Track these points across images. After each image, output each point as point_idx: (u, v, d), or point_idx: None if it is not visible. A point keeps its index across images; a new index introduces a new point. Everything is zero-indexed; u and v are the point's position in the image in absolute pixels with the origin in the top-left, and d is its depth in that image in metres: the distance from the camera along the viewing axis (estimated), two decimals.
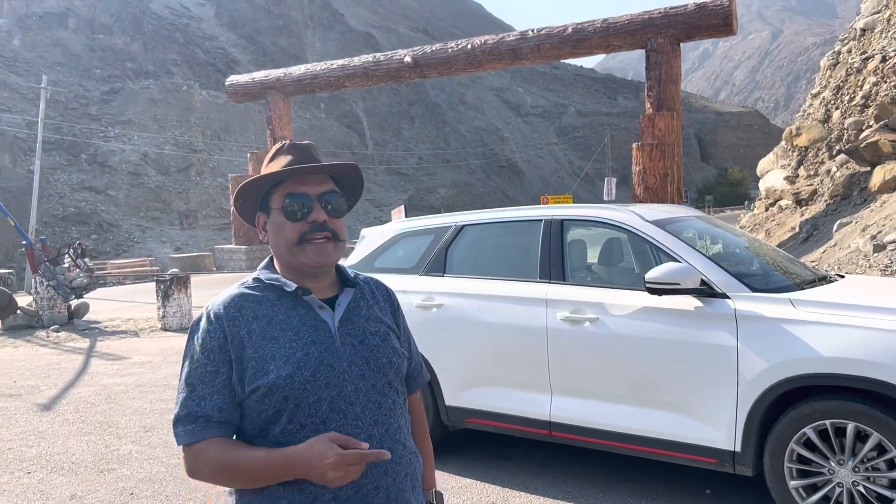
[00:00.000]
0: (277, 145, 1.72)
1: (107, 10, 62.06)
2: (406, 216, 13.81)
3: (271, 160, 1.68)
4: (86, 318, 13.57)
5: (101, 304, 16.09)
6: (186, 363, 1.61)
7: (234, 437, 1.61)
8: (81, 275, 13.70)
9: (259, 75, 27.14)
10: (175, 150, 51.61)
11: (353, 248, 6.26)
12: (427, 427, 1.91)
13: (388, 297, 1.83)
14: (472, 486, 4.54)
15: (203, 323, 1.61)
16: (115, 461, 5.39)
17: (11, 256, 39.44)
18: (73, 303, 13.55)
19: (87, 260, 14.75)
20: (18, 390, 8.10)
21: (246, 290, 1.64)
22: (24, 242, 13.84)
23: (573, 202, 26.22)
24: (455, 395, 4.88)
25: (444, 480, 4.64)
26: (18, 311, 13.15)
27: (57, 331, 12.49)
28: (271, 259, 1.73)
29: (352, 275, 1.76)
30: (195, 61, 65.60)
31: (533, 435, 4.57)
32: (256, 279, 1.67)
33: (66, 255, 14.19)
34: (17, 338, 12.19)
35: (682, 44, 19.30)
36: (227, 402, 1.56)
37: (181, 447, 1.57)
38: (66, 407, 7.20)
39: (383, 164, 73.23)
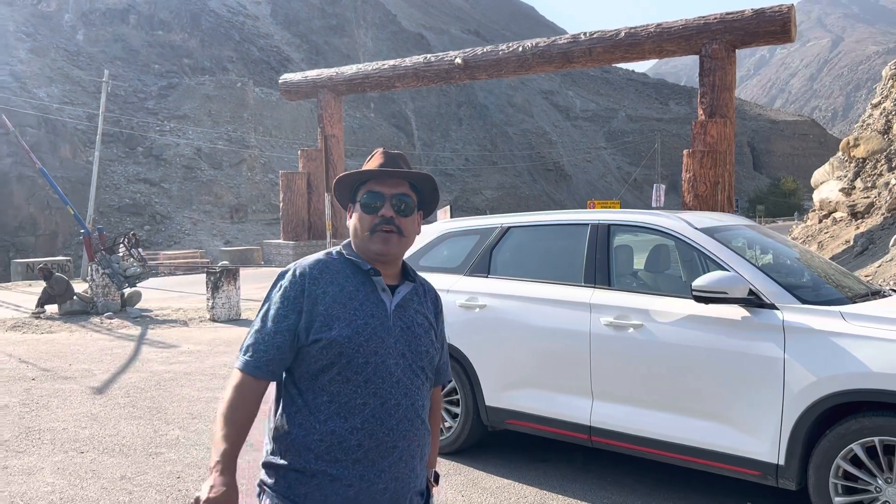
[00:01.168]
0: (379, 151, 2.02)
1: (166, 7, 63.60)
2: (451, 217, 13.87)
3: (368, 162, 2.00)
4: (138, 306, 13.96)
5: (153, 294, 16.53)
6: (266, 304, 1.91)
7: (281, 383, 1.91)
8: (135, 264, 14.10)
9: (312, 74, 27.52)
10: (228, 145, 52.66)
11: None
12: (439, 418, 2.19)
13: (435, 300, 2.10)
14: (510, 486, 4.56)
15: (288, 275, 1.91)
16: (163, 445, 5.55)
17: (68, 244, 40.75)
18: (127, 291, 13.94)
19: (140, 250, 15.17)
20: (73, 373, 8.39)
21: (329, 259, 1.94)
22: (81, 231, 14.30)
23: (620, 208, 25.94)
24: (495, 395, 4.90)
25: (482, 480, 4.67)
26: (75, 297, 13.60)
27: (110, 318, 12.88)
28: (349, 242, 2.00)
29: (414, 274, 2.05)
30: (250, 59, 66.81)
31: (572, 439, 4.57)
32: (339, 252, 1.97)
33: (121, 245, 14.62)
34: (73, 323, 12.60)
35: (737, 50, 18.96)
36: (286, 342, 1.85)
37: (236, 367, 1.88)
38: (118, 391, 7.44)
39: (430, 164, 73.49)
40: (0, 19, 51.54)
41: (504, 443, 5.42)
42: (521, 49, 21.55)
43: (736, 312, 3.93)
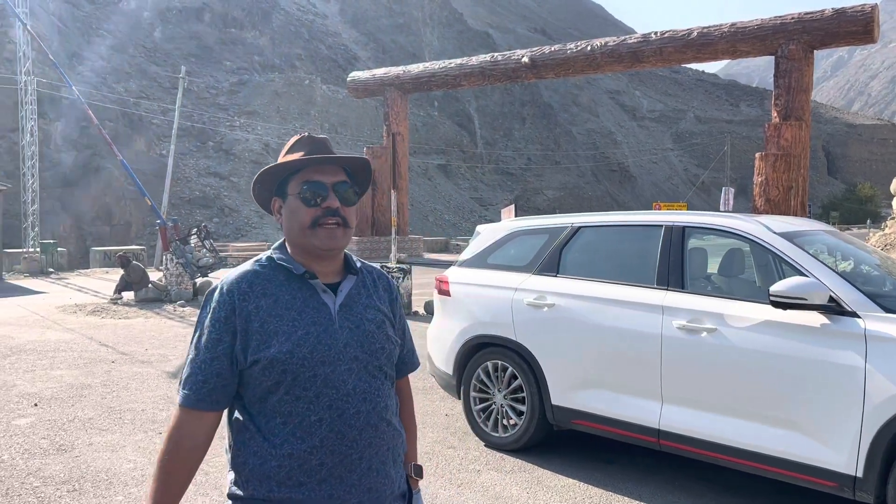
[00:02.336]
0: (297, 136, 1.86)
1: (239, 6, 65.26)
2: (516, 216, 13.85)
3: (290, 150, 1.83)
4: None
5: None
6: (197, 330, 1.76)
7: (225, 411, 1.76)
8: (208, 255, 14.57)
9: (379, 72, 27.84)
10: None
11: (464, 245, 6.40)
12: (413, 408, 2.06)
13: (388, 286, 1.95)
14: (576, 486, 4.57)
15: (216, 295, 1.75)
16: None
17: (141, 234, 42.27)
18: (198, 280, 14.42)
19: (211, 241, 15.66)
20: (150, 357, 8.74)
21: (258, 269, 1.78)
22: (157, 222, 14.84)
23: (687, 210, 25.42)
24: (562, 395, 4.91)
25: (547, 478, 4.69)
26: (150, 286, 14.13)
27: (183, 306, 13.34)
28: (283, 242, 1.85)
29: (357, 264, 1.88)
30: (318, 56, 67.98)
31: (640, 442, 4.54)
32: (269, 258, 1.80)
33: (194, 236, 15.12)
34: (148, 309, 13.10)
35: (815, 51, 18.39)
36: (225, 368, 1.70)
37: (177, 403, 1.73)
38: None
39: (491, 163, 73.43)
40: (84, 17, 53.79)
41: (568, 442, 5.42)
42: (589, 48, 21.36)
43: (815, 319, 3.85)
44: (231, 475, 1.75)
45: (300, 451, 1.67)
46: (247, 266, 1.81)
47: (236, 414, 1.76)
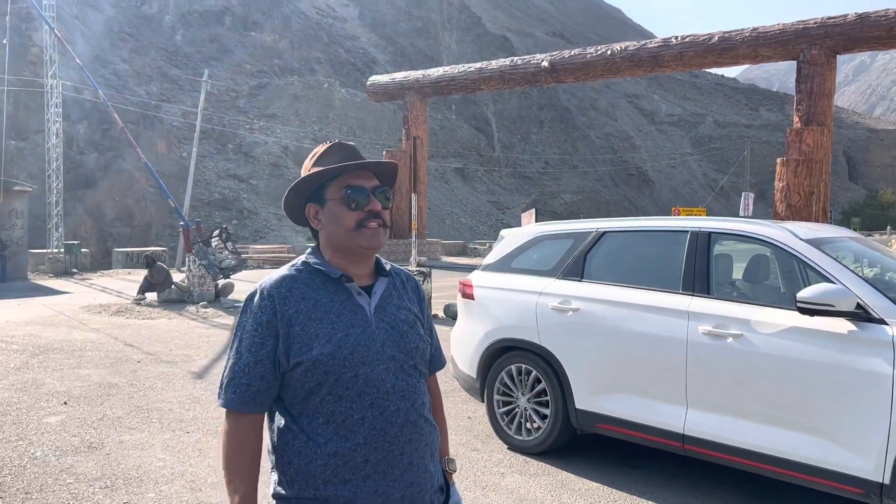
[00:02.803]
0: (326, 145, 1.93)
1: (259, 9, 65.77)
2: (536, 220, 13.88)
3: (320, 157, 1.90)
4: (230, 297, 14.55)
5: (242, 286, 17.15)
6: (238, 333, 1.81)
7: (273, 412, 1.82)
8: (230, 256, 14.71)
9: (399, 76, 27.94)
10: (313, 144, 53.96)
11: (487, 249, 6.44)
12: (442, 404, 2.11)
13: (416, 288, 2.03)
14: (600, 490, 4.59)
15: (257, 299, 1.80)
16: None
17: (160, 235, 42.67)
18: (220, 282, 14.56)
19: (232, 243, 15.81)
20: (174, 358, 8.86)
21: (295, 273, 1.84)
22: (181, 223, 15.01)
23: (706, 215, 25.32)
24: (586, 399, 4.94)
25: (571, 482, 4.72)
26: (172, 287, 14.30)
27: (205, 307, 13.48)
28: (317, 247, 1.92)
29: (387, 266, 1.96)
30: (337, 60, 68.33)
31: (664, 446, 4.56)
32: (305, 263, 1.86)
33: (216, 238, 15.27)
34: (171, 310, 13.26)
35: (837, 56, 18.27)
36: (269, 372, 1.75)
37: (221, 407, 1.79)
38: (216, 377, 7.81)
39: (509, 167, 73.39)
40: (106, 21, 54.45)
41: (592, 446, 5.45)
42: (609, 52, 21.34)
43: (842, 326, 3.86)
44: (274, 475, 1.80)
45: (345, 449, 1.72)
46: (284, 270, 1.86)
47: (277, 415, 1.81)
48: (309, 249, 1.93)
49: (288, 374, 1.76)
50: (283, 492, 1.77)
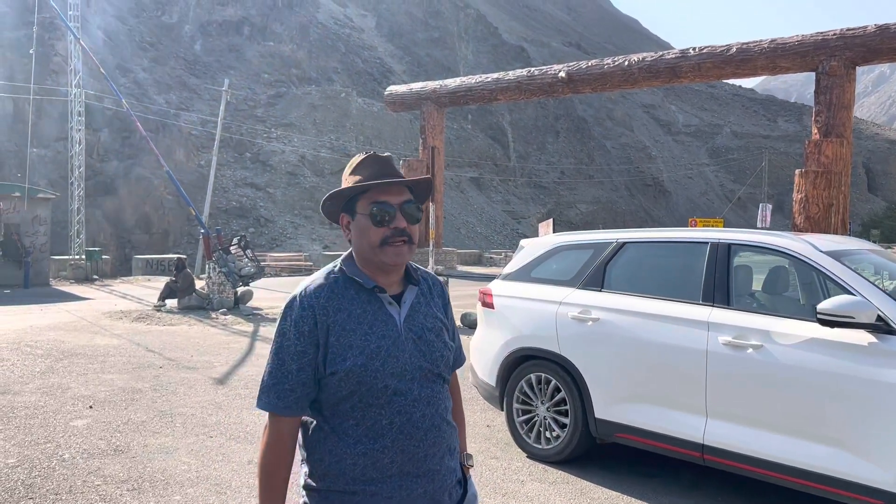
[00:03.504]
0: (362, 156, 1.97)
1: (278, 19, 66.38)
2: (554, 230, 13.93)
3: (355, 169, 1.94)
4: (249, 304, 14.69)
5: (261, 293, 17.32)
6: (279, 339, 1.88)
7: (305, 414, 1.90)
8: (249, 264, 14.86)
9: (416, 86, 28.10)
10: (330, 153, 54.37)
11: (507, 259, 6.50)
12: (461, 400, 2.20)
13: (441, 292, 2.09)
14: (619, 499, 4.63)
15: (297, 308, 1.87)
16: None
17: (178, 242, 43.05)
18: (240, 289, 14.71)
19: (252, 250, 15.97)
20: (195, 364, 8.98)
21: (332, 282, 1.90)
22: (202, 231, 15.18)
23: (723, 227, 25.24)
24: (606, 408, 4.98)
25: (590, 490, 4.76)
26: (193, 293, 14.45)
27: (224, 314, 13.62)
28: (351, 254, 1.97)
29: (416, 273, 2.01)
30: (354, 70, 68.76)
31: (684, 456, 4.59)
32: (341, 271, 1.93)
33: (235, 245, 15.43)
34: (191, 317, 13.41)
35: (857, 67, 18.21)
36: (310, 378, 1.84)
37: (266, 412, 1.87)
38: (237, 383, 7.91)
39: (524, 176, 73.39)
40: (128, 30, 55.17)
41: (611, 455, 5.48)
42: (626, 63, 21.38)
43: (862, 338, 3.88)
44: (305, 468, 1.90)
45: (373, 451, 1.82)
46: (320, 279, 1.93)
47: (310, 415, 1.90)
48: (343, 255, 2.00)
49: (324, 379, 1.85)
50: (314, 484, 1.87)
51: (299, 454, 1.93)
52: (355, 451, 1.82)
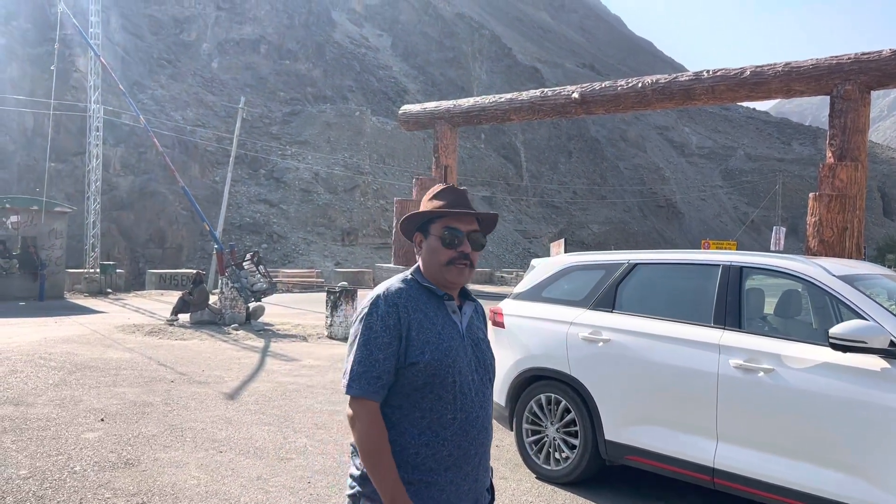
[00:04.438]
0: (442, 186, 2.25)
1: (294, 38, 67.08)
2: (565, 250, 13.94)
3: (435, 196, 2.22)
4: (260, 320, 14.74)
5: (273, 309, 17.39)
6: (367, 332, 2.07)
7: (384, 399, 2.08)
8: (262, 280, 14.93)
9: (430, 105, 28.26)
10: (343, 170, 54.68)
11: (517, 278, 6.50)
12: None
13: (484, 316, 2.37)
14: None
15: (383, 304, 2.08)
16: (292, 451, 5.91)
17: (191, 257, 43.29)
18: (252, 305, 14.77)
19: (265, 266, 16.05)
20: (206, 378, 9.01)
21: (409, 287, 2.14)
22: (216, 247, 15.27)
23: (736, 250, 25.14)
24: (616, 430, 4.96)
25: None
26: (206, 308, 14.53)
27: (236, 329, 13.67)
28: (418, 267, 2.21)
29: (472, 294, 2.30)
30: (368, 88, 69.28)
31: (694, 480, 4.56)
32: (414, 279, 2.17)
33: (248, 261, 15.52)
34: (202, 331, 13.46)
35: (872, 92, 18.17)
36: (392, 367, 2.05)
37: (349, 397, 2.05)
38: (248, 398, 7.94)
39: (536, 196, 73.44)
40: (146, 47, 55.91)
41: (620, 477, 5.45)
42: (640, 85, 21.44)
43: (875, 363, 3.86)
44: (357, 459, 2.10)
45: (435, 443, 2.04)
46: (398, 283, 2.16)
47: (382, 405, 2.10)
48: (413, 268, 2.24)
49: (402, 371, 2.06)
50: None
51: (349, 448, 2.15)
52: (419, 440, 2.03)
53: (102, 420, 6.72)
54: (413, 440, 2.03)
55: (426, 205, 2.22)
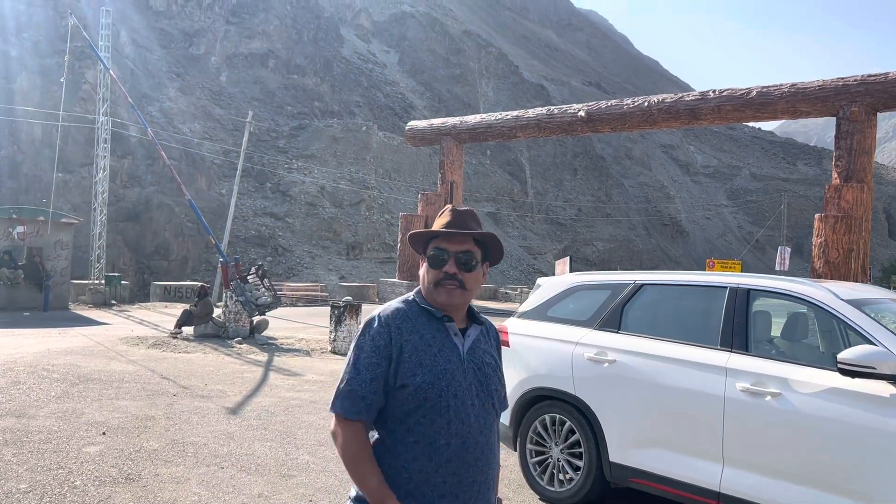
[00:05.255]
0: (448, 208, 2.20)
1: (302, 53, 67.51)
2: (571, 269, 13.92)
3: (439, 217, 2.19)
4: (264, 333, 14.72)
5: (277, 323, 17.36)
6: (357, 351, 2.07)
7: (371, 426, 2.07)
8: (266, 293, 14.92)
9: (437, 122, 28.35)
10: (349, 185, 54.81)
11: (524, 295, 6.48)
12: (498, 448, 2.29)
13: (496, 338, 2.31)
14: None
15: (376, 325, 2.07)
16: (294, 468, 5.87)
17: (196, 269, 43.35)
18: (256, 318, 14.75)
19: (269, 280, 16.04)
20: (209, 393, 8.98)
21: (407, 307, 2.11)
22: (220, 260, 15.29)
23: (741, 269, 25.07)
24: (621, 452, 4.91)
25: None
26: (210, 321, 14.52)
27: (240, 342, 13.65)
28: (420, 289, 2.18)
29: (481, 317, 2.23)
30: (375, 104, 69.61)
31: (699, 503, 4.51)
32: (414, 301, 2.14)
33: (253, 274, 15.52)
34: (206, 345, 13.44)
35: (878, 113, 18.18)
36: (380, 388, 2.02)
37: (335, 415, 2.05)
38: (250, 413, 7.90)
39: (541, 213, 73.47)
40: (156, 60, 56.31)
41: (625, 499, 5.39)
42: (646, 104, 21.48)
43: (884, 389, 3.83)
44: None
45: (428, 469, 1.98)
46: (397, 304, 2.14)
47: (374, 429, 2.09)
48: (416, 289, 2.21)
49: (392, 393, 2.03)
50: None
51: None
52: (412, 466, 1.98)
53: (104, 434, 6.70)
54: (406, 465, 1.99)
55: (435, 226, 2.20)
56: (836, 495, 3.90)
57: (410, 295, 2.18)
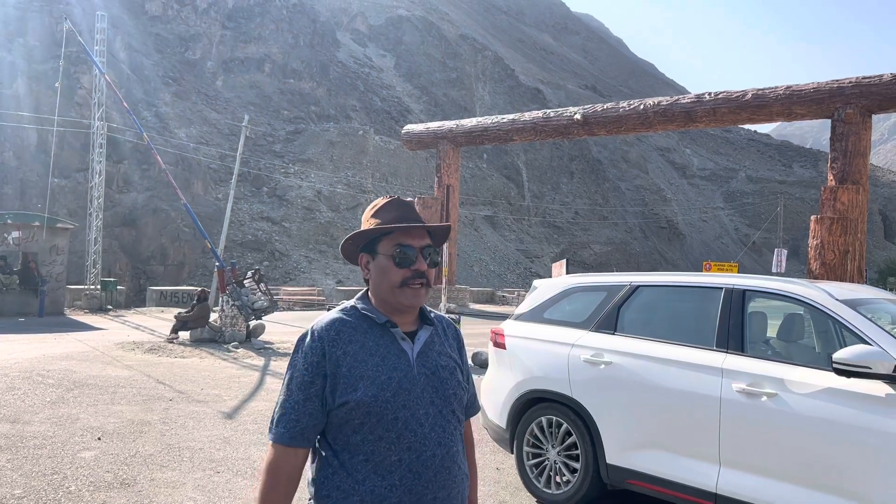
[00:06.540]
0: (386, 199, 2.02)
1: (299, 58, 67.54)
2: (567, 271, 13.92)
3: (379, 210, 1.98)
4: (261, 338, 14.69)
5: (273, 327, 17.33)
6: (290, 371, 1.90)
7: (315, 446, 1.91)
8: (262, 298, 14.90)
9: (433, 125, 28.38)
10: (346, 189, 54.81)
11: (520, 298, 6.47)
12: (474, 451, 2.18)
13: (456, 335, 2.10)
14: None
15: (308, 340, 1.89)
16: None
17: (193, 274, 43.29)
18: (252, 323, 14.72)
19: (266, 284, 16.02)
20: (205, 397, 8.95)
21: (345, 317, 1.92)
22: (217, 264, 15.26)
23: (738, 271, 25.09)
24: (617, 454, 4.90)
25: None
26: (206, 326, 14.48)
27: (236, 347, 13.62)
28: (366, 292, 2.00)
29: (431, 315, 2.04)
30: (372, 108, 69.66)
31: None
32: (354, 308, 1.95)
33: (249, 279, 15.49)
34: (202, 349, 13.41)
35: (873, 115, 18.23)
36: (317, 409, 1.84)
37: (270, 441, 1.89)
38: (246, 417, 7.88)
39: (538, 216, 73.54)
40: (152, 66, 56.28)
41: (622, 501, 5.38)
42: (642, 107, 21.53)
43: (879, 389, 3.82)
44: None
45: (380, 488, 1.80)
46: (334, 314, 1.95)
47: (320, 450, 1.90)
48: (358, 294, 2.02)
49: (333, 412, 1.84)
50: None
51: (307, 491, 1.92)
52: (363, 488, 1.80)
53: (99, 439, 6.67)
54: (357, 487, 1.80)
55: (369, 222, 1.98)
56: (833, 495, 3.90)
57: (350, 301, 2.00)
